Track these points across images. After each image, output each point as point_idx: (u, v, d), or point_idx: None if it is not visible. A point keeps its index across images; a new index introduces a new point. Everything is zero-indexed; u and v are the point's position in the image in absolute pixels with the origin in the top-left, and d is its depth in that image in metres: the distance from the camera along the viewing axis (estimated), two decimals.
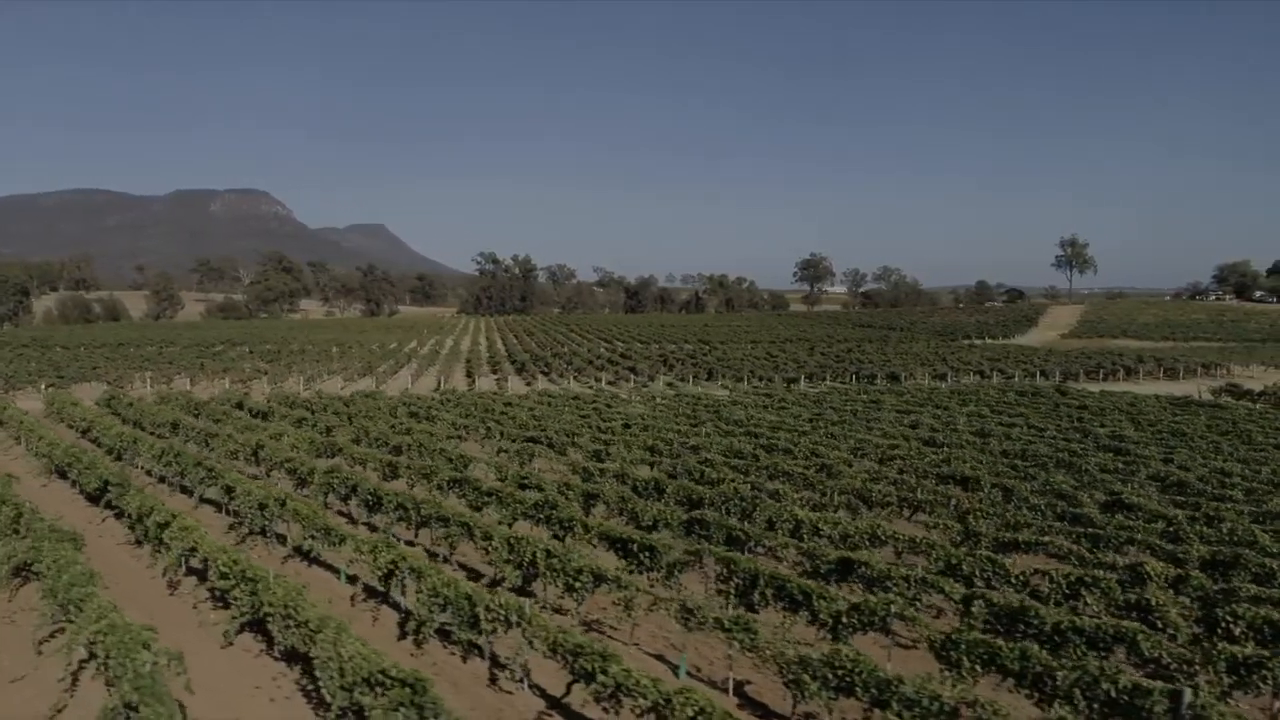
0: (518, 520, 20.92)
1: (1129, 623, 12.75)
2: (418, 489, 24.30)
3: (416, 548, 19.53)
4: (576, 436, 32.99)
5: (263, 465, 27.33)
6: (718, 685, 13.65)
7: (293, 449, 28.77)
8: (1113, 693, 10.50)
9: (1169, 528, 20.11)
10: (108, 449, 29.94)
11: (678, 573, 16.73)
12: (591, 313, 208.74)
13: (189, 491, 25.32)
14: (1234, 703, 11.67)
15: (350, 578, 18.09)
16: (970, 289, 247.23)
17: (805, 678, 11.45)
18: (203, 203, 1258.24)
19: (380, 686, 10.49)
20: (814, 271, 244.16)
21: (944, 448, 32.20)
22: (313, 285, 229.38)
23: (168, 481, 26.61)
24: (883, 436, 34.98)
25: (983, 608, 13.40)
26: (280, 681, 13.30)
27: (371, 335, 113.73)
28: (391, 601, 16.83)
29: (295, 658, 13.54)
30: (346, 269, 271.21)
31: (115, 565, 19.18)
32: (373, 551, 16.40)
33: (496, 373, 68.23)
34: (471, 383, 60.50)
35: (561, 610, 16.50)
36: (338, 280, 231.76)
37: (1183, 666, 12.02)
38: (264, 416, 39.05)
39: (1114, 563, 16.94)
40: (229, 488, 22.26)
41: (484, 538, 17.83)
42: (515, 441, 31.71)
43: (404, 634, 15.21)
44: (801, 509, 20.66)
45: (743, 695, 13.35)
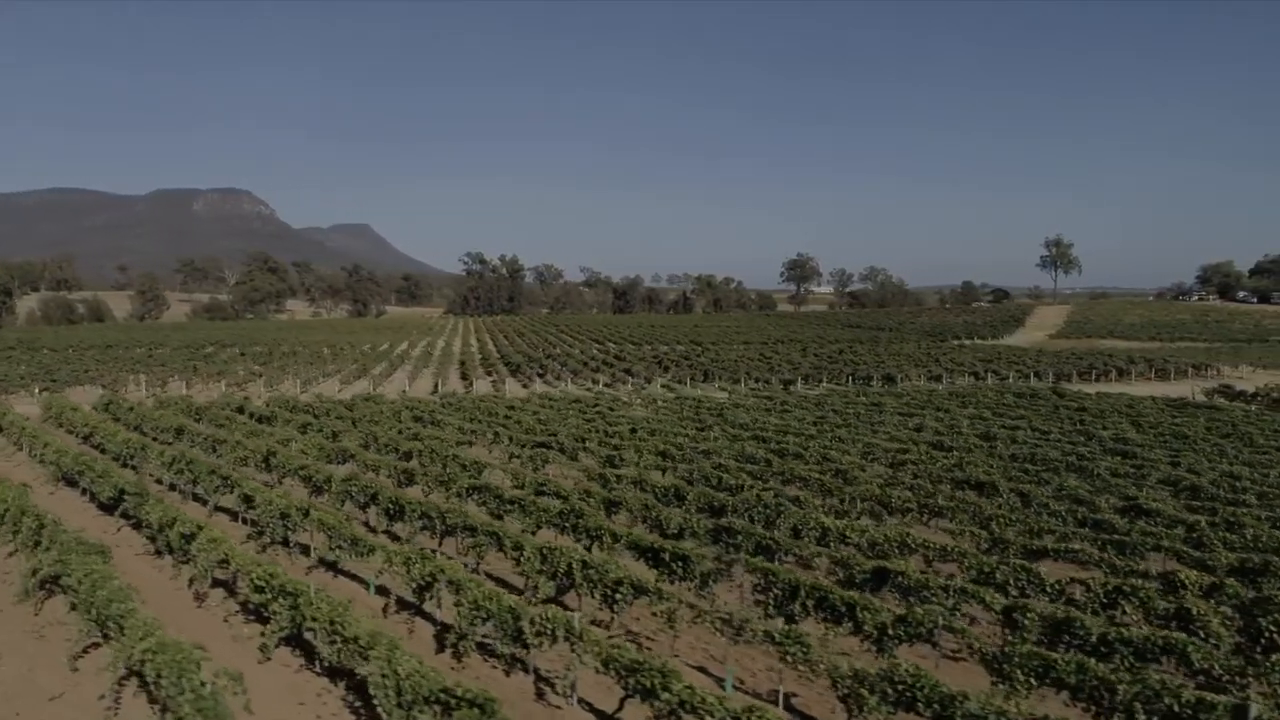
0: (541, 528, 20.84)
1: (1177, 633, 12.78)
2: (434, 496, 24.17)
3: (452, 559, 19.37)
4: (585, 441, 32.89)
5: (274, 472, 27.07)
6: (763, 698, 13.60)
7: (302, 455, 28.54)
8: (1175, 707, 10.50)
9: (1191, 534, 20.22)
10: (115, 456, 29.58)
11: (712, 583, 16.69)
12: (580, 313, 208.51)
13: (201, 500, 25.07)
14: None
15: (379, 589, 17.93)
16: (956, 289, 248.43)
17: (863, 692, 11.40)
18: (185, 202, 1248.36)
19: (442, 706, 10.38)
20: (801, 272, 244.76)
21: (953, 451, 32.30)
22: (298, 286, 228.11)
23: (179, 489, 26.32)
24: (889, 440, 35.05)
25: (1035, 620, 13.39)
26: (326, 698, 13.14)
27: (361, 336, 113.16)
28: (424, 613, 16.70)
29: (340, 673, 13.40)
30: (331, 269, 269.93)
31: (136, 577, 18.90)
32: (406, 563, 16.24)
33: (492, 375, 68.02)
34: (468, 385, 60.24)
35: (597, 622, 16.41)
36: (324, 280, 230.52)
37: (1234, 678, 12.06)
38: (266, 421, 38.71)
39: (1145, 570, 16.98)
40: (248, 496, 22.03)
41: (515, 548, 17.71)
42: (525, 447, 31.57)
43: (442, 647, 15.09)
44: (826, 516, 20.65)
45: (791, 709, 13.31)
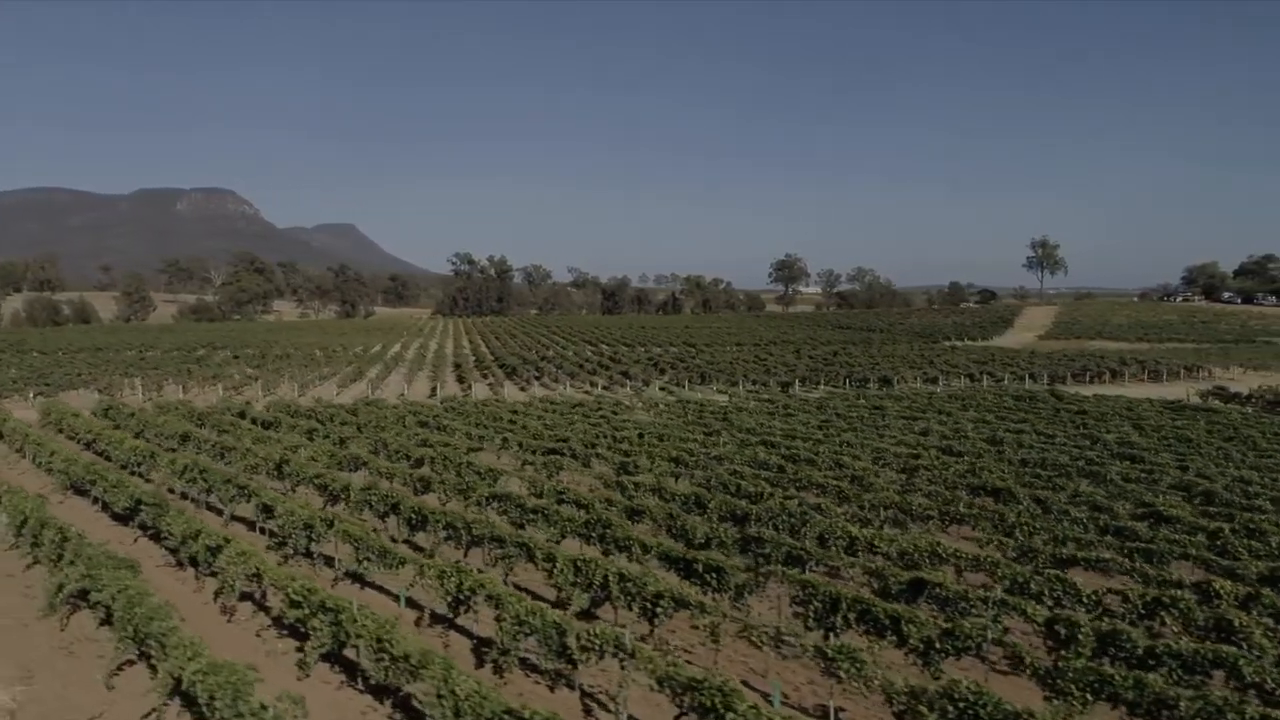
0: (565, 538, 20.71)
1: (1227, 647, 12.79)
2: (451, 504, 23.97)
3: (484, 571, 19.23)
4: (595, 447, 32.76)
5: (287, 480, 26.80)
6: (810, 713, 13.55)
7: (311, 462, 28.31)
8: None
9: (1215, 541, 20.30)
10: (123, 464, 29.25)
11: (746, 594, 16.61)
12: (569, 314, 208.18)
13: (215, 509, 24.81)
14: None
15: (409, 601, 17.76)
16: (943, 289, 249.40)
17: (921, 709, 11.34)
18: (168, 202, 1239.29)
19: None
20: (789, 272, 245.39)
21: (963, 456, 32.37)
22: (284, 286, 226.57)
23: (191, 498, 26.06)
24: (897, 444, 35.10)
25: (1089, 635, 13.36)
26: (372, 717, 13.00)
27: (352, 338, 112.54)
28: (458, 627, 16.56)
29: (385, 691, 13.25)
30: (317, 269, 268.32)
31: (159, 590, 18.61)
32: (440, 576, 16.08)
33: (488, 378, 67.76)
34: (466, 389, 59.96)
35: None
36: (311, 281, 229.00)
37: None
38: (270, 426, 38.39)
39: (1179, 580, 17.01)
40: (267, 506, 21.78)
41: (547, 559, 17.58)
42: (536, 453, 31.43)
43: (481, 662, 14.96)
44: (852, 525, 20.62)
45: None
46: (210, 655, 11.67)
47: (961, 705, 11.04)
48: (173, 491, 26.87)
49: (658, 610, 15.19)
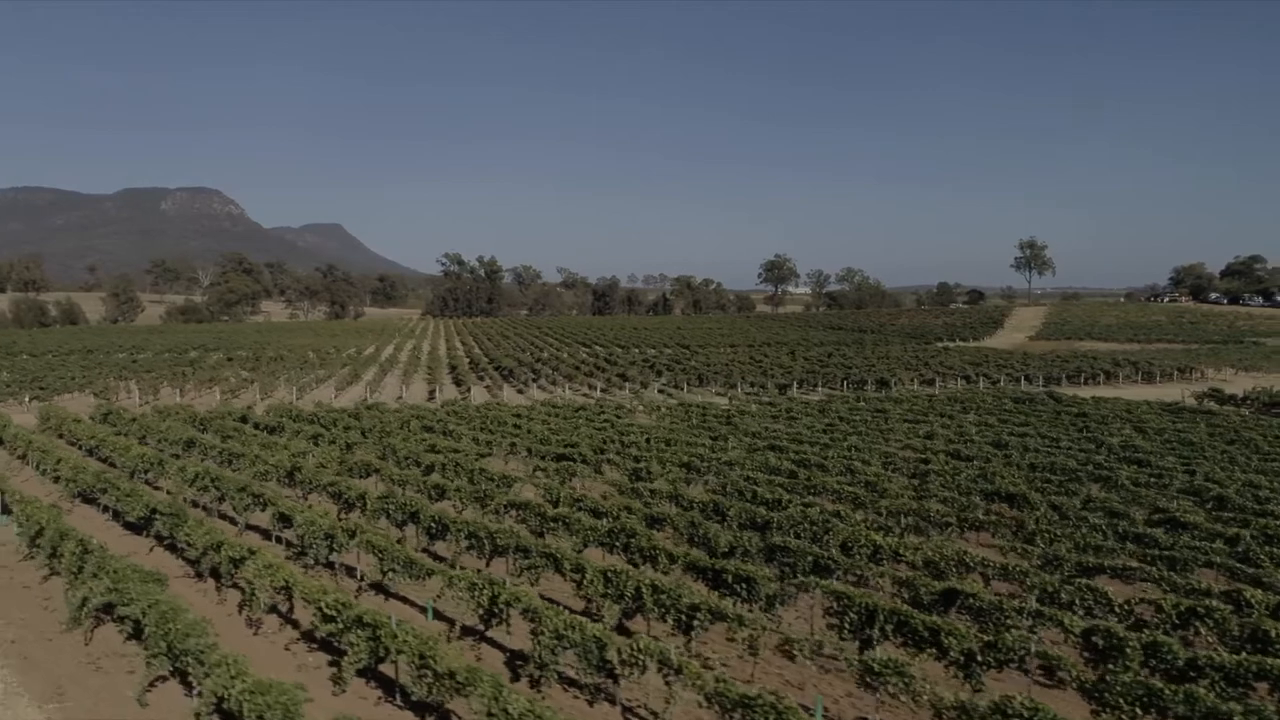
0: (588, 546, 20.60)
1: (1272, 659, 12.80)
2: (467, 512, 23.85)
3: (516, 583, 19.10)
4: (605, 452, 32.65)
5: (299, 487, 26.61)
6: None
7: (322, 469, 28.08)
8: None
9: (1234, 548, 20.36)
10: (130, 471, 28.96)
11: (778, 605, 16.55)
12: (559, 315, 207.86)
13: (229, 518, 24.59)
14: None
15: (437, 613, 17.63)
16: (931, 290, 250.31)
17: None
18: (153, 201, 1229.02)
19: None
20: (779, 273, 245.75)
21: (972, 461, 32.43)
22: (272, 286, 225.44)
23: (203, 506, 25.82)
24: (904, 448, 35.14)
25: (1136, 648, 13.35)
26: None
27: (344, 339, 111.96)
28: (489, 639, 16.44)
29: (425, 708, 13.13)
30: (304, 269, 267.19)
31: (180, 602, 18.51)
32: (471, 588, 15.96)
33: (485, 380, 67.54)
34: (465, 392, 59.72)
35: None
36: (300, 281, 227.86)
37: None
38: (273, 431, 38.12)
39: (1207, 589, 17.04)
40: (285, 515, 21.60)
41: (575, 570, 17.47)
42: (546, 459, 31.31)
43: (516, 676, 14.85)
44: (875, 533, 20.59)
45: None
46: (257, 675, 11.52)
47: None
48: (183, 499, 26.62)
49: (694, 622, 15.10)
